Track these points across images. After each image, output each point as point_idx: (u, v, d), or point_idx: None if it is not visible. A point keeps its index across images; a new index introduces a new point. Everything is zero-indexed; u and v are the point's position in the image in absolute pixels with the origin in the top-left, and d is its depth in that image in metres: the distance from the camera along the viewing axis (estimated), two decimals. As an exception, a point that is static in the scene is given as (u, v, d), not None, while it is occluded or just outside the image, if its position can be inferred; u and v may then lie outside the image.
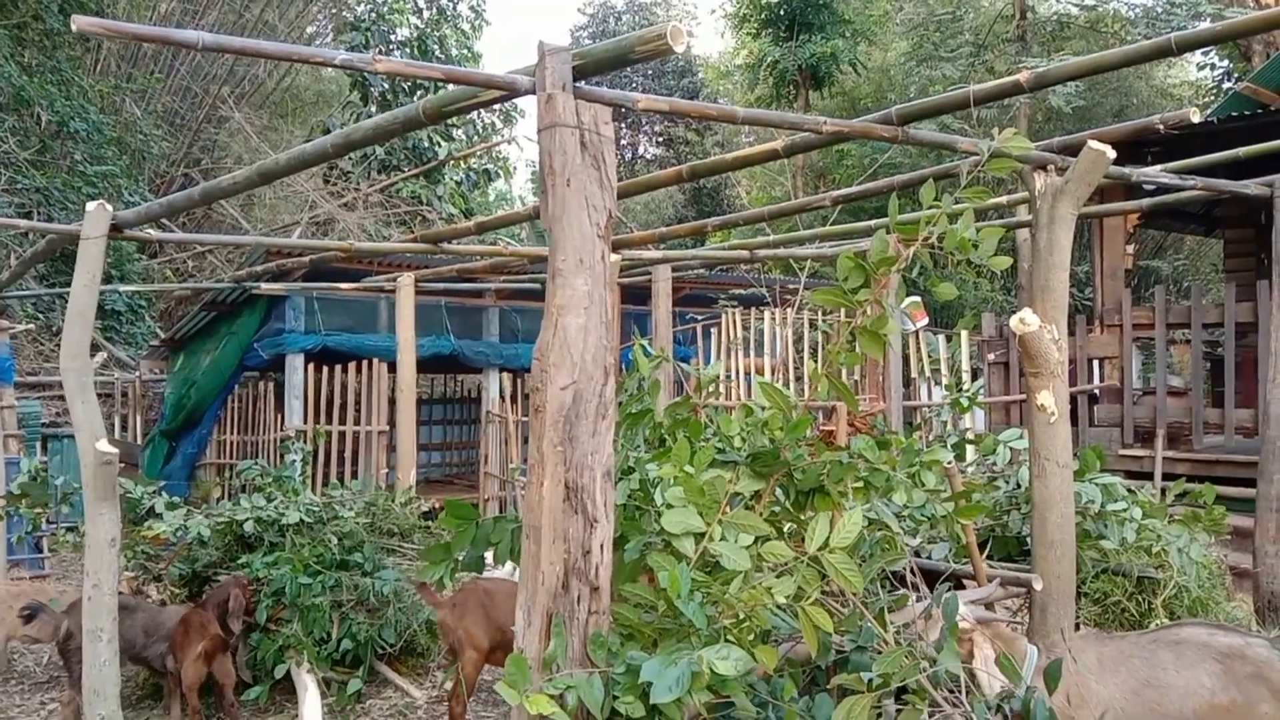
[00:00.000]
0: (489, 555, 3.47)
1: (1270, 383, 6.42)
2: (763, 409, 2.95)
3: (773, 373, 10.53)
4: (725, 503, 2.75)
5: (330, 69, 25.06)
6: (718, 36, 44.97)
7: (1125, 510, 4.70)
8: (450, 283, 10.16)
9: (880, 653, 2.77)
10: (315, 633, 5.64)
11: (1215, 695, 3.38)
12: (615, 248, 6.71)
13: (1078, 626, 4.77)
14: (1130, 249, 9.02)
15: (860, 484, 2.79)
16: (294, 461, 7.89)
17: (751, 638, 2.46)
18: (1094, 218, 8.79)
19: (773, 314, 10.80)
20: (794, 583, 2.66)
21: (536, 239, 21.67)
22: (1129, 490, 5.06)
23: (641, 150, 31.31)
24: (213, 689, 5.30)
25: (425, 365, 11.26)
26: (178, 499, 6.47)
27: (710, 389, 3.89)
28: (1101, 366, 8.96)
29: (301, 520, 6.25)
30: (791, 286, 12.50)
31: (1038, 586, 4.19)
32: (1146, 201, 7.36)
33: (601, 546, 2.57)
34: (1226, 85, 18.73)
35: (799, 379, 10.38)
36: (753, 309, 11.11)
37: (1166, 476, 7.68)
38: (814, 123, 3.81)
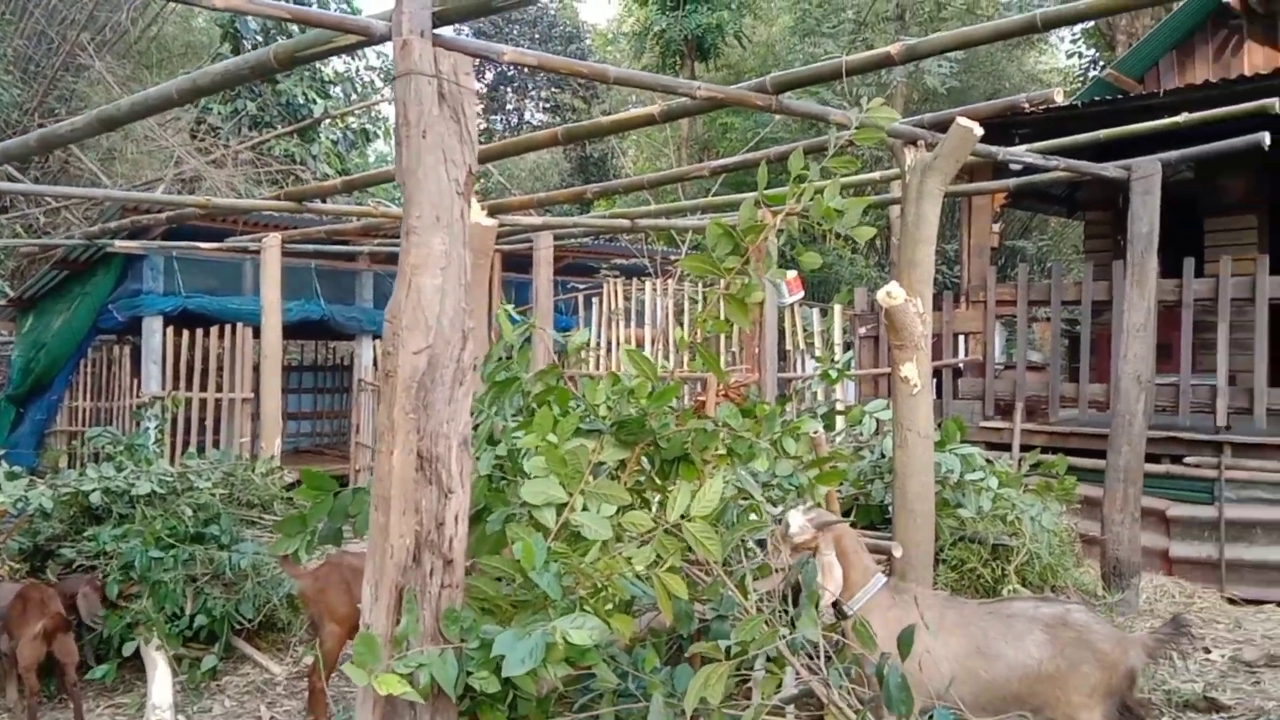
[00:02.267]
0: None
1: (1122, 359, 6.71)
2: (631, 377, 2.89)
3: (653, 343, 10.55)
4: (588, 472, 2.68)
5: (201, 19, 23.82)
6: (606, 3, 44.55)
7: (982, 480, 4.84)
8: (321, 245, 9.79)
9: (740, 621, 2.76)
10: (167, 608, 5.39)
11: (1042, 664, 3.53)
12: (493, 212, 6.54)
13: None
14: (997, 228, 9.32)
15: (724, 452, 2.76)
16: (148, 429, 7.49)
17: (610, 608, 2.41)
18: (963, 196, 9.04)
19: (654, 285, 10.79)
20: (653, 551, 2.62)
21: (416, 203, 21.04)
22: (987, 461, 5.23)
23: (528, 116, 30.86)
24: (53, 669, 5.00)
25: (294, 331, 10.86)
26: (22, 468, 6.07)
27: (580, 357, 3.82)
28: (967, 341, 9.25)
29: (154, 491, 5.94)
30: (674, 258, 12.52)
31: (897, 554, 4.29)
32: (1013, 181, 7.60)
33: (456, 518, 2.47)
34: (1092, 73, 19.54)
35: (679, 350, 10.41)
36: (634, 279, 11.08)
37: (1024, 448, 7.99)
38: (688, 87, 3.75)
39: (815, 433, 4.38)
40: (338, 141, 20.88)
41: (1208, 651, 5.72)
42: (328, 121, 20.36)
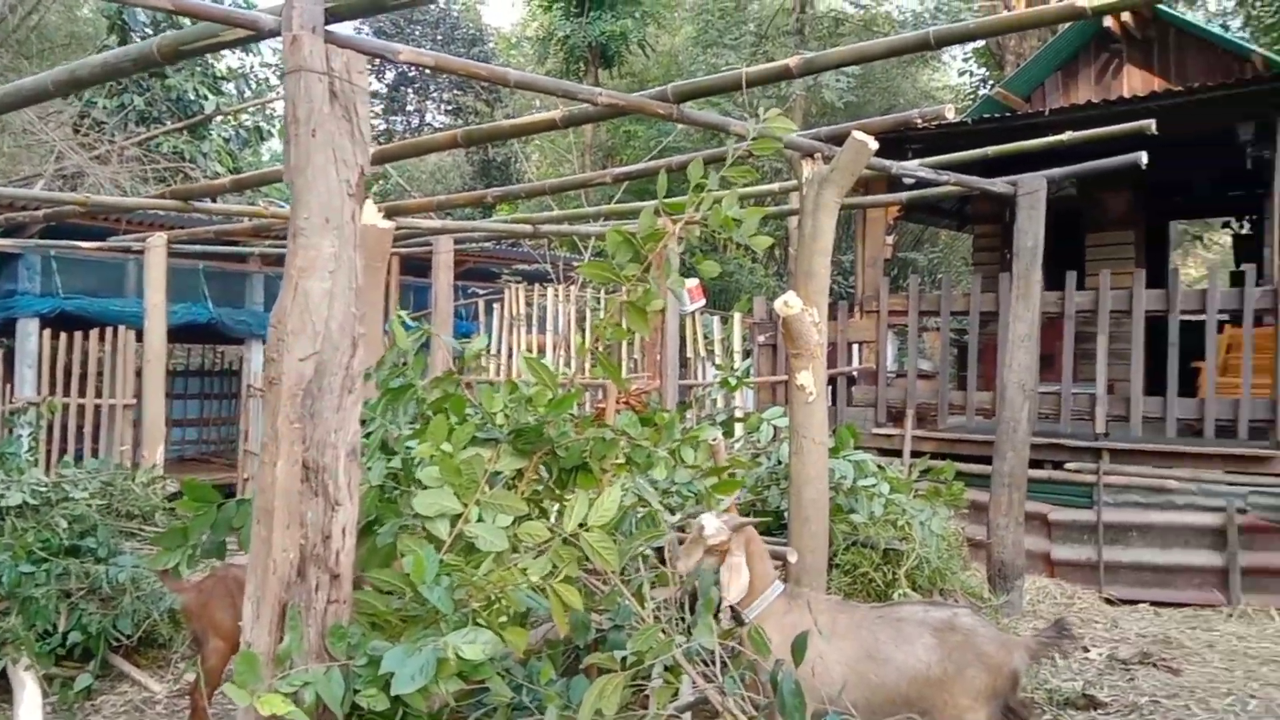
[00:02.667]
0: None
1: (1007, 368, 6.94)
2: (529, 385, 2.85)
3: (554, 350, 10.50)
4: (484, 482, 2.63)
5: (86, 8, 22.80)
6: (510, 6, 44.25)
7: (875, 486, 4.94)
8: (209, 245, 9.45)
9: (637, 630, 2.74)
10: (38, 626, 5.11)
11: (930, 668, 3.60)
12: (391, 214, 6.41)
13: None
14: (890, 240, 9.56)
15: (623, 461, 2.75)
16: (20, 437, 7.11)
17: (504, 620, 2.37)
18: (858, 208, 9.25)
19: (556, 291, 10.75)
20: (549, 562, 2.58)
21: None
22: (879, 467, 5.34)
23: (429, 118, 30.43)
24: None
25: (179, 334, 10.46)
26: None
27: (477, 364, 3.74)
28: (860, 350, 9.45)
29: (25, 502, 5.64)
30: (576, 263, 12.49)
31: (792, 559, 4.33)
32: (905, 195, 7.79)
33: (344, 530, 2.39)
34: (982, 91, 20.23)
35: (579, 357, 10.37)
36: (536, 285, 11.01)
37: (915, 454, 8.21)
38: (589, 93, 3.74)
39: (714, 440, 4.41)
40: (230, 139, 20.22)
41: (1086, 650, 5.95)
42: (220, 118, 19.70)
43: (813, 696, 3.34)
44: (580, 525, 2.60)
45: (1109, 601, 7.46)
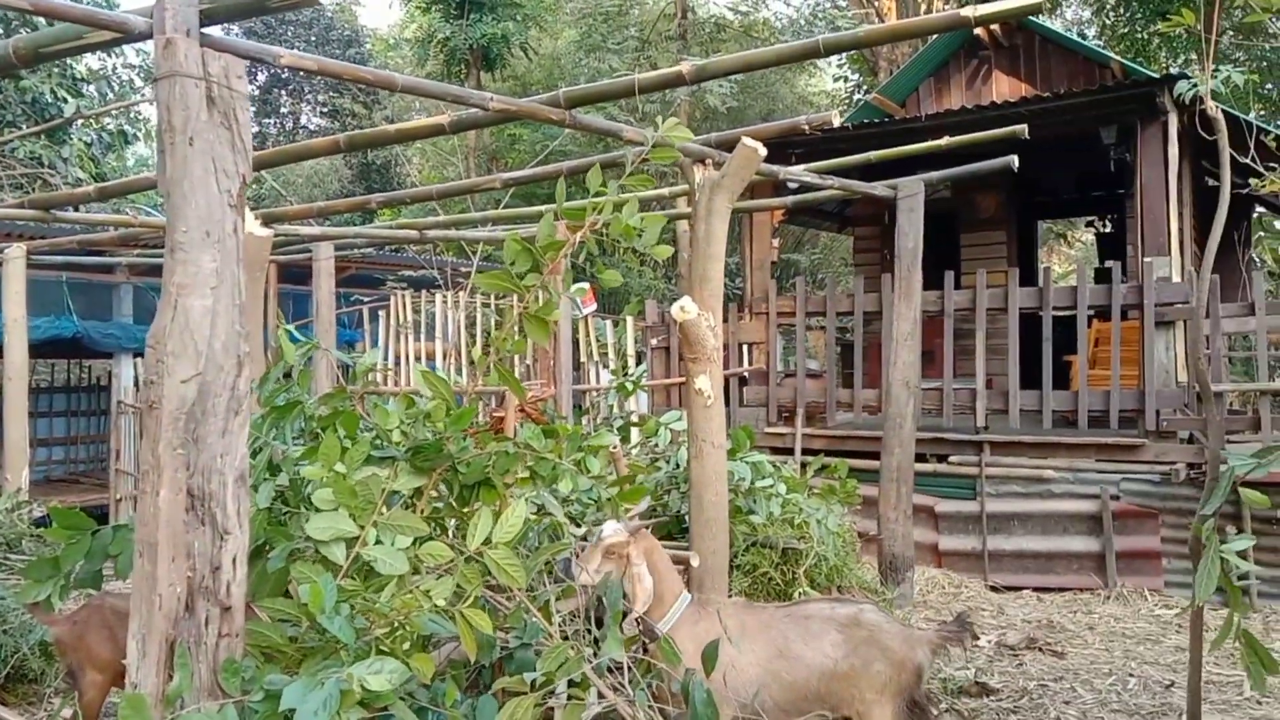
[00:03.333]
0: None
1: (892, 365, 7.12)
2: (426, 400, 2.76)
3: (444, 358, 10.30)
4: (381, 502, 2.54)
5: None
6: (387, 8, 43.35)
7: (772, 486, 4.98)
8: (73, 256, 8.95)
9: (545, 648, 2.69)
10: (-110, 667, 4.73)
11: (838, 664, 3.66)
12: (269, 221, 6.18)
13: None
14: (775, 242, 9.71)
15: (526, 475, 2.69)
16: None
17: (408, 646, 2.28)
18: (746, 212, 9.37)
19: (444, 297, 10.54)
20: (453, 583, 2.51)
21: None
22: (774, 466, 5.39)
23: (304, 120, 29.56)
24: None
25: (42, 349, 9.87)
26: None
27: (369, 378, 3.62)
28: (750, 351, 9.57)
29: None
30: (464, 269, 12.29)
31: (695, 563, 4.33)
32: (791, 199, 7.91)
33: (234, 561, 2.27)
34: (857, 96, 20.77)
35: (472, 364, 10.22)
36: (423, 291, 10.78)
37: (806, 452, 8.35)
38: (480, 98, 3.66)
39: (614, 447, 4.38)
40: (92, 144, 19.22)
41: (976, 638, 6.14)
42: (80, 122, 18.71)
43: (727, 702, 3.34)
44: (484, 543, 2.53)
45: (994, 589, 7.73)
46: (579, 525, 2.95)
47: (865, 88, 20.05)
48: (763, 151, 4.52)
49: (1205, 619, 6.91)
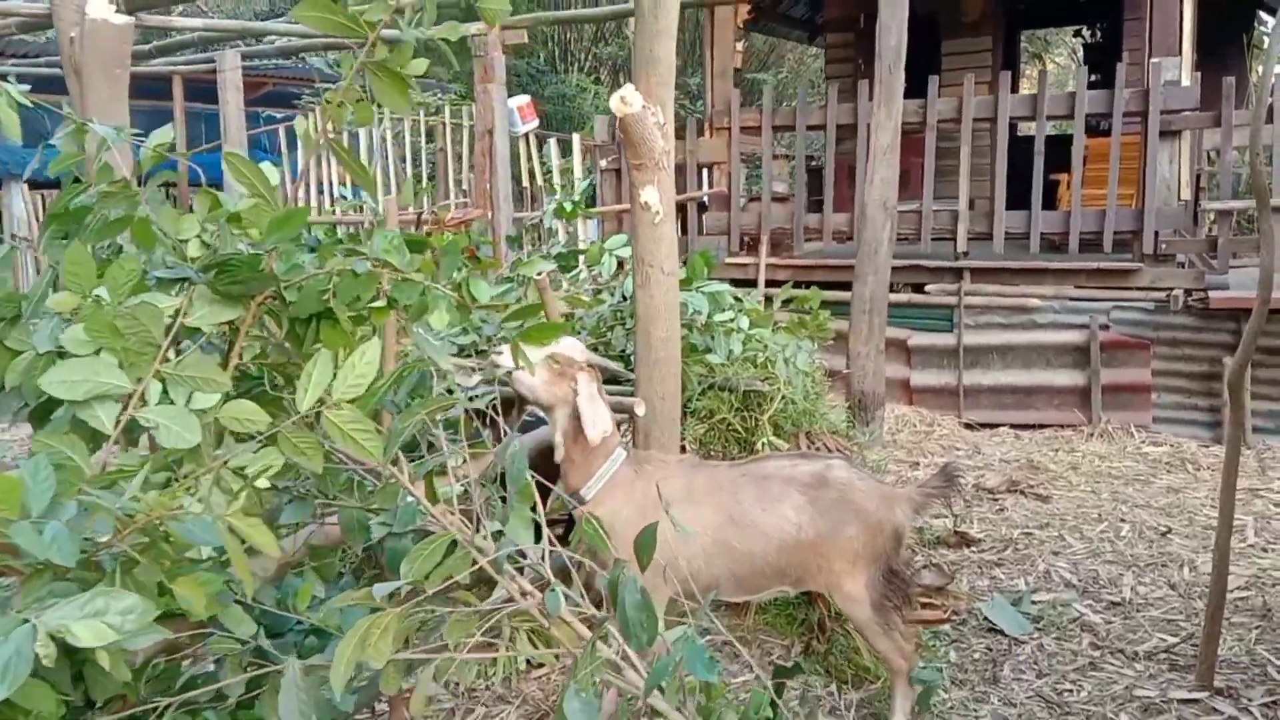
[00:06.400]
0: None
1: (868, 184, 6.33)
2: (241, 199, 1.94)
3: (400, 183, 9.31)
4: (168, 345, 1.75)
5: None
6: None
7: (733, 320, 4.25)
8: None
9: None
10: None
11: (801, 530, 3.07)
12: (132, 10, 5.12)
13: (684, 449, 4.34)
14: (739, 47, 8.63)
15: (383, 304, 1.90)
16: None
17: (173, 566, 1.53)
18: (705, 6, 8.31)
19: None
20: (277, 456, 1.76)
21: None
22: (735, 299, 4.65)
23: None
24: None
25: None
26: None
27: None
28: (711, 174, 8.69)
29: None
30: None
31: (640, 411, 3.64)
32: (757, -11, 6.88)
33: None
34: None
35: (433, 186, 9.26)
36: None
37: (770, 283, 7.62)
38: None
39: (539, 275, 3.59)
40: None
41: (963, 495, 5.58)
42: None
43: (667, 580, 2.71)
44: (320, 400, 1.76)
45: (969, 426, 7.21)
46: (472, 374, 2.19)
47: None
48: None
49: (1194, 455, 6.46)
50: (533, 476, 2.09)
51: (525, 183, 9.15)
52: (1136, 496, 5.57)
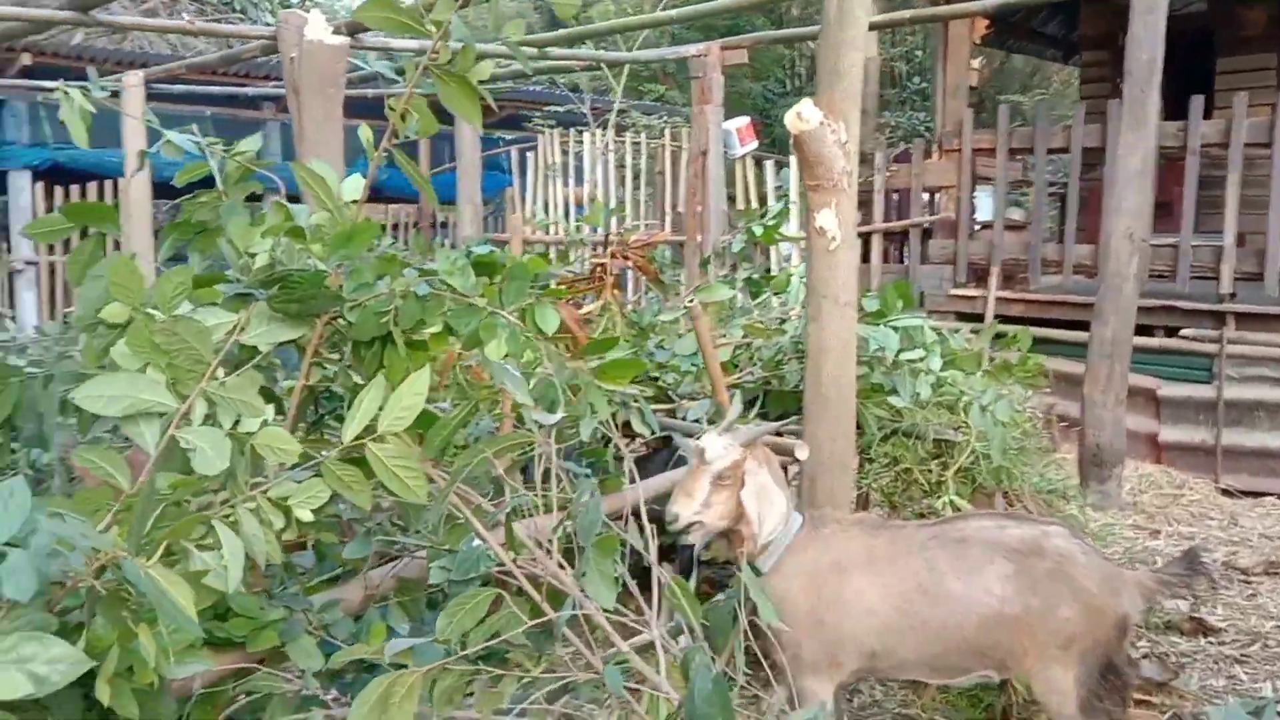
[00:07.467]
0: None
1: (1114, 212, 5.69)
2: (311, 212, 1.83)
3: (590, 203, 9.40)
4: (216, 364, 1.65)
5: None
6: None
7: (922, 359, 3.83)
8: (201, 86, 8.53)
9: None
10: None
11: (1005, 604, 2.62)
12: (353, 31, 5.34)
13: (866, 503, 3.96)
14: (976, 63, 8.02)
15: (439, 330, 1.72)
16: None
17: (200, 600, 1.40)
18: (936, 20, 7.79)
19: (592, 136, 9.57)
20: (323, 488, 1.62)
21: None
22: (939, 335, 4.20)
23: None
24: None
25: (167, 189, 9.65)
26: None
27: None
28: (936, 199, 8.14)
29: None
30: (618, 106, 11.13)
31: (802, 455, 3.31)
32: (992, 2, 6.36)
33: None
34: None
35: (621, 209, 9.29)
36: (571, 130, 9.82)
37: (1001, 319, 7.01)
38: None
39: (689, 303, 3.35)
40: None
41: (1213, 584, 4.81)
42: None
43: (845, 648, 2.42)
44: (367, 430, 1.61)
45: (1227, 493, 6.29)
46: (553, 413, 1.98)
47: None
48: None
49: None
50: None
51: (741, 204, 8.92)
52: None
